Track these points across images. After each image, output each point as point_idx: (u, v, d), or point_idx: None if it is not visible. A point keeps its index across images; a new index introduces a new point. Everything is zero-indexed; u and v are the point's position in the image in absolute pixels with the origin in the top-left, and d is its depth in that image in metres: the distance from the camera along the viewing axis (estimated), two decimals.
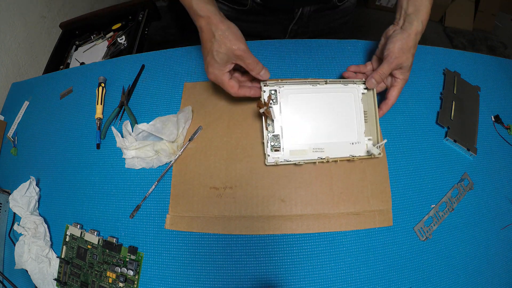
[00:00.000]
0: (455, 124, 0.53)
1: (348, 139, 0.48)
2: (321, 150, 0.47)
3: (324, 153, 0.47)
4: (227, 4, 0.62)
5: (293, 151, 0.47)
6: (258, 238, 0.46)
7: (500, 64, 0.61)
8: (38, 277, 0.48)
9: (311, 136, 0.48)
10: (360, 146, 0.48)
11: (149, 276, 0.46)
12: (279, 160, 0.46)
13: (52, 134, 0.59)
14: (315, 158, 0.47)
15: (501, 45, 1.84)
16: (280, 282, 0.44)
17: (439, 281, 0.45)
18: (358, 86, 0.49)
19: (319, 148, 0.47)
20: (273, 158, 0.47)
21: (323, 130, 0.48)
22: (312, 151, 0.47)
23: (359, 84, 0.49)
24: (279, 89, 0.49)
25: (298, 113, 0.49)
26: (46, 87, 0.66)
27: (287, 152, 0.47)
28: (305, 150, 0.48)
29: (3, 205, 0.54)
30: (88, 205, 0.51)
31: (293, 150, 0.47)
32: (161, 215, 0.48)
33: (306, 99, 0.49)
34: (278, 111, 0.48)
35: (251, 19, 0.63)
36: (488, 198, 0.50)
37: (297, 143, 0.48)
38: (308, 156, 0.47)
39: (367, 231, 0.46)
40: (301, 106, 0.49)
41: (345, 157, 0.47)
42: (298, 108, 0.49)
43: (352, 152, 0.48)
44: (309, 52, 0.59)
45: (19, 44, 0.84)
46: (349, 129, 0.49)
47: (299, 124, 0.48)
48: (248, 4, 0.60)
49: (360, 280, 0.44)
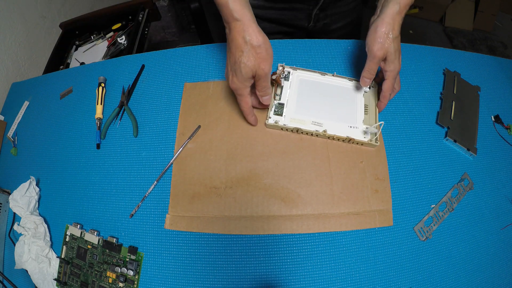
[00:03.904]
0: (455, 124, 0.53)
1: (347, 122, 0.51)
2: (320, 125, 0.50)
3: (322, 127, 0.50)
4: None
5: (294, 119, 0.51)
6: (258, 238, 0.46)
7: (500, 64, 0.61)
8: (38, 277, 0.48)
9: (313, 112, 0.51)
10: (357, 131, 0.50)
11: (149, 276, 0.46)
12: (280, 123, 0.50)
13: (52, 134, 0.59)
14: (313, 130, 0.49)
15: (501, 45, 1.84)
16: (280, 282, 0.44)
17: (439, 281, 0.45)
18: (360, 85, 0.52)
19: (318, 122, 0.50)
20: (273, 120, 0.50)
21: (325, 110, 0.52)
22: (311, 123, 0.50)
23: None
24: (292, 71, 0.55)
25: (305, 92, 0.53)
26: (46, 87, 0.66)
27: (288, 119, 0.51)
28: (304, 121, 0.51)
29: (3, 205, 0.54)
30: (88, 205, 0.51)
31: (294, 118, 0.51)
32: (161, 215, 0.48)
33: (314, 84, 0.54)
34: (288, 87, 0.54)
35: (278, 6, 0.63)
36: (488, 198, 0.50)
37: (299, 112, 0.51)
38: (307, 127, 0.50)
39: (367, 231, 0.46)
40: (309, 88, 0.54)
41: (342, 136, 0.49)
42: (305, 88, 0.54)
43: (349, 134, 0.49)
44: (309, 52, 0.59)
45: (19, 44, 0.84)
46: (349, 114, 0.51)
47: (304, 100, 0.52)
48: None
49: (360, 280, 0.44)
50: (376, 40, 0.43)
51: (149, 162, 0.52)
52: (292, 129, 0.50)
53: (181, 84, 0.57)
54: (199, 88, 0.56)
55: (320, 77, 0.55)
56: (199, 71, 0.58)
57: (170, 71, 0.59)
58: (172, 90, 0.57)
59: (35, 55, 0.90)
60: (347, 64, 0.58)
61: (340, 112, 0.51)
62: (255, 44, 0.39)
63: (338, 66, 0.58)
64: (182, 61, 0.60)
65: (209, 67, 0.59)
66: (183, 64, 0.60)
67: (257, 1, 0.62)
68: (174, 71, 0.59)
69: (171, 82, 0.58)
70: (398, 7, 0.43)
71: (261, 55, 0.40)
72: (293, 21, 0.67)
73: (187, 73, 0.58)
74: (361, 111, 0.51)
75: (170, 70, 0.59)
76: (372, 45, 0.44)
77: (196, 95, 0.55)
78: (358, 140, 0.48)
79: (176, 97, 0.56)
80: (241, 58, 0.40)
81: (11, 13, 0.82)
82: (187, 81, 0.57)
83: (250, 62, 0.40)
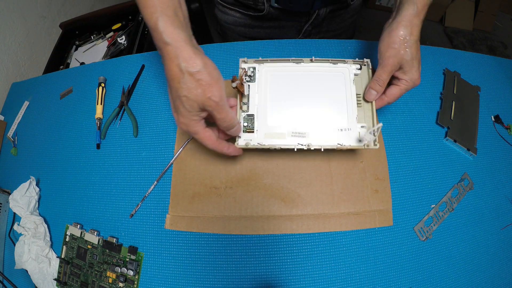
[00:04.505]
0: (455, 124, 0.53)
1: (337, 125, 0.41)
2: (302, 135, 0.41)
3: (306, 139, 0.41)
4: (240, 11, 0.60)
5: (269, 134, 0.41)
6: (258, 238, 0.46)
7: (500, 64, 0.61)
8: (38, 277, 0.48)
9: (291, 119, 0.42)
10: (351, 133, 0.41)
11: (149, 276, 0.46)
12: (251, 143, 0.41)
13: (52, 134, 0.59)
14: (294, 144, 0.40)
15: (501, 45, 1.84)
16: (280, 282, 0.44)
17: (439, 281, 0.45)
18: (349, 66, 0.44)
19: (299, 132, 0.41)
20: (244, 140, 0.41)
21: (306, 114, 0.42)
22: (291, 136, 0.41)
23: (350, 64, 0.44)
24: (258, 66, 0.44)
25: (278, 93, 0.43)
26: (46, 87, 0.66)
27: (261, 135, 0.41)
28: (282, 134, 0.41)
29: (3, 205, 0.54)
30: (88, 205, 0.51)
31: (268, 133, 0.41)
32: (161, 215, 0.48)
33: (288, 79, 0.44)
34: (255, 90, 0.43)
35: (266, 25, 0.61)
36: (488, 198, 0.50)
37: (275, 125, 0.42)
38: (286, 141, 0.41)
39: (367, 231, 0.46)
40: (282, 86, 0.43)
41: (331, 146, 0.40)
42: (278, 88, 0.43)
43: (340, 139, 0.41)
44: (308, 52, 0.59)
45: (19, 44, 0.84)
46: (338, 114, 0.42)
47: (278, 105, 0.43)
48: (265, 10, 0.57)
49: (360, 280, 0.44)
50: (389, 46, 0.38)
51: (149, 162, 0.52)
52: (268, 148, 0.41)
53: None
54: None
55: (295, 67, 0.44)
56: None
57: None
58: None
59: (35, 55, 0.90)
60: None
61: (326, 113, 0.42)
62: (192, 70, 0.32)
63: None
64: None
65: None
66: None
67: (244, 20, 0.61)
68: None
69: None
70: (416, 8, 0.37)
71: (203, 82, 0.33)
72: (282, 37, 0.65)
73: None
74: (353, 104, 0.42)
75: None
76: (384, 51, 0.38)
77: None
78: (353, 147, 0.41)
79: None
80: (180, 91, 0.33)
81: (11, 13, 0.82)
82: None
83: (192, 94, 0.33)
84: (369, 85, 0.41)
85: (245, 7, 0.59)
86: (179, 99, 0.34)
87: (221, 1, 0.60)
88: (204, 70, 0.32)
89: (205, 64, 0.33)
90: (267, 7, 0.56)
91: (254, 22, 0.61)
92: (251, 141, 0.41)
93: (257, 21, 0.60)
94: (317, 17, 0.60)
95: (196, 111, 0.34)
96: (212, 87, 0.33)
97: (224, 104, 0.34)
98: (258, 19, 0.60)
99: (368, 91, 0.41)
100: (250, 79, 0.43)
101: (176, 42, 0.32)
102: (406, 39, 0.37)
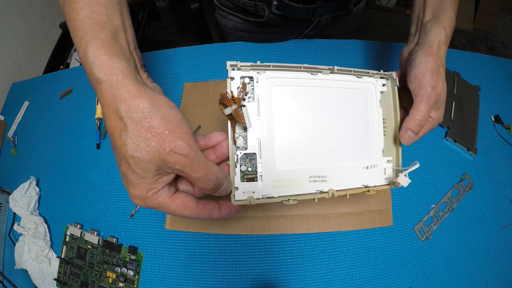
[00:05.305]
0: (455, 124, 0.53)
1: (362, 161, 0.32)
2: (323, 179, 0.31)
3: (327, 184, 0.31)
4: (241, 16, 0.59)
5: (278, 182, 0.30)
6: (258, 238, 0.46)
7: (500, 64, 0.61)
8: (38, 277, 0.48)
9: (307, 155, 0.31)
10: (376, 171, 0.33)
11: (149, 276, 0.46)
12: (255, 197, 0.29)
13: (52, 134, 0.59)
14: (314, 192, 0.31)
15: (501, 45, 1.84)
16: (280, 282, 0.44)
17: (439, 281, 0.45)
18: (375, 81, 0.34)
19: (319, 175, 0.31)
20: (244, 194, 0.29)
21: (325, 148, 0.31)
22: (309, 181, 0.30)
23: (377, 78, 0.34)
24: (257, 76, 0.30)
25: (286, 117, 0.31)
26: (46, 87, 0.66)
27: (268, 183, 0.29)
28: (297, 180, 0.30)
29: (3, 205, 0.54)
30: (88, 205, 0.51)
31: (278, 180, 0.30)
32: (161, 215, 0.48)
33: (299, 95, 0.31)
34: (256, 113, 0.29)
35: (267, 31, 0.60)
36: (488, 198, 0.50)
37: (286, 167, 0.30)
38: (303, 188, 0.30)
39: (367, 231, 0.46)
40: (292, 106, 0.31)
41: (357, 188, 0.32)
42: (286, 109, 0.31)
43: (365, 180, 0.32)
44: (308, 52, 0.59)
45: (19, 44, 0.84)
46: (363, 145, 0.33)
47: (288, 135, 0.30)
48: (266, 16, 0.56)
49: (360, 280, 0.44)
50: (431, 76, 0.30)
51: None
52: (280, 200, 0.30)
53: (181, 84, 0.57)
54: (199, 88, 0.56)
55: (308, 81, 0.32)
56: (199, 71, 0.58)
57: (170, 71, 0.59)
58: (172, 90, 0.57)
59: (35, 55, 0.90)
60: (347, 64, 0.58)
61: (349, 145, 0.32)
62: (137, 115, 0.22)
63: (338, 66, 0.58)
64: (182, 61, 0.60)
65: (209, 67, 0.59)
66: (183, 64, 0.60)
67: (244, 25, 0.61)
68: (174, 71, 0.59)
69: (171, 82, 0.58)
70: (444, 34, 0.32)
71: (156, 130, 0.22)
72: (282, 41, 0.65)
73: (187, 73, 0.58)
74: (380, 133, 0.33)
75: (170, 70, 0.59)
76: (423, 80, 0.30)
77: (196, 95, 0.55)
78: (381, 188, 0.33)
79: (176, 97, 0.56)
80: (124, 150, 0.22)
81: (11, 13, 0.82)
82: (187, 81, 0.57)
83: (143, 152, 0.22)
84: (406, 125, 0.31)
85: (245, 12, 0.58)
86: (125, 161, 0.23)
87: (221, 5, 0.60)
88: (155, 112, 0.22)
89: (154, 104, 0.22)
90: (268, 13, 0.56)
91: (255, 27, 0.60)
92: (254, 194, 0.29)
93: (258, 27, 0.60)
94: (319, 23, 0.59)
95: (152, 175, 0.23)
96: (172, 135, 0.22)
97: (198, 156, 0.24)
98: (259, 25, 0.60)
99: (404, 133, 0.31)
100: (247, 98, 0.30)
101: (111, 76, 0.23)
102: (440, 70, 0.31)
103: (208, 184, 0.25)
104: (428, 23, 0.33)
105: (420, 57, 0.31)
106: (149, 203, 0.25)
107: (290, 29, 0.61)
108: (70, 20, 0.25)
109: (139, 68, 0.27)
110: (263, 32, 0.61)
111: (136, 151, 0.22)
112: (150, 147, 0.22)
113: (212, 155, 0.30)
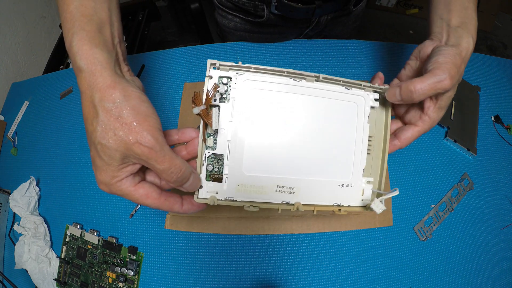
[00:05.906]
0: (455, 124, 0.53)
1: (337, 178, 0.31)
2: (291, 191, 0.30)
3: (295, 196, 0.30)
4: (240, 16, 0.60)
5: (244, 186, 0.29)
6: (258, 238, 0.46)
7: (500, 64, 0.61)
8: (38, 277, 0.48)
9: (277, 164, 0.30)
10: (353, 190, 0.32)
11: (149, 276, 0.46)
12: (217, 197, 0.29)
13: (52, 134, 0.59)
14: (279, 202, 0.30)
15: (501, 45, 1.84)
16: (280, 282, 0.44)
17: (439, 281, 0.45)
18: (366, 95, 0.32)
19: (287, 187, 0.30)
20: (207, 192, 0.29)
21: (299, 158, 0.30)
22: (276, 190, 0.30)
23: (368, 91, 0.32)
24: (236, 77, 0.30)
25: (262, 124, 0.30)
26: (46, 87, 0.66)
27: (233, 186, 0.29)
28: (263, 187, 0.30)
29: (3, 205, 0.54)
30: (88, 205, 0.51)
31: (243, 184, 0.29)
32: (161, 215, 0.48)
33: (278, 101, 0.30)
34: (229, 115, 0.29)
35: (266, 31, 0.61)
36: (488, 198, 0.50)
37: (253, 173, 0.30)
38: (268, 197, 0.30)
39: (367, 231, 0.46)
40: (269, 112, 0.30)
41: (327, 206, 0.31)
42: (262, 113, 0.30)
43: (338, 198, 0.31)
44: (308, 52, 0.59)
45: (19, 44, 0.84)
46: (341, 162, 0.31)
47: (260, 141, 0.30)
48: (265, 16, 0.56)
49: (360, 280, 0.44)
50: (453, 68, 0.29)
51: None
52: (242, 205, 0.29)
53: (181, 84, 0.57)
54: (199, 88, 0.56)
55: (291, 87, 0.30)
56: (199, 71, 0.58)
57: (170, 71, 0.59)
58: (172, 90, 0.57)
59: (35, 55, 0.90)
60: (347, 64, 0.58)
61: (326, 159, 0.31)
62: (108, 104, 0.23)
63: (338, 66, 0.58)
64: (182, 61, 0.60)
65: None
66: (183, 64, 0.60)
67: (244, 25, 0.61)
68: (174, 71, 0.59)
69: (171, 82, 0.58)
70: (472, 44, 0.32)
71: (125, 120, 0.23)
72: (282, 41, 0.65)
73: (187, 73, 0.58)
74: (363, 150, 0.32)
75: (170, 70, 0.59)
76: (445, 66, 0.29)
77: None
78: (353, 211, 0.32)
79: (176, 97, 0.56)
80: (94, 137, 0.24)
81: (11, 13, 0.82)
82: (187, 81, 0.57)
83: (110, 140, 0.24)
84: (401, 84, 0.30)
85: (245, 12, 0.58)
86: (94, 147, 0.25)
87: (221, 5, 0.60)
88: (125, 103, 0.24)
89: (126, 96, 0.24)
90: (267, 13, 0.56)
91: (254, 27, 0.60)
92: (217, 194, 0.29)
93: (257, 27, 0.60)
94: (318, 24, 0.59)
95: (117, 163, 0.25)
96: (139, 127, 0.23)
97: (163, 149, 0.24)
98: (258, 25, 0.60)
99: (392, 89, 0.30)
100: (222, 97, 0.29)
101: (91, 65, 0.24)
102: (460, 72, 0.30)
103: (172, 176, 0.25)
104: (458, 29, 0.33)
105: (450, 52, 0.30)
106: (113, 190, 0.26)
107: (290, 29, 0.61)
108: (61, 12, 0.27)
109: (121, 61, 0.28)
110: (263, 32, 0.61)
111: (104, 139, 0.24)
112: (117, 136, 0.23)
113: (183, 151, 0.30)
